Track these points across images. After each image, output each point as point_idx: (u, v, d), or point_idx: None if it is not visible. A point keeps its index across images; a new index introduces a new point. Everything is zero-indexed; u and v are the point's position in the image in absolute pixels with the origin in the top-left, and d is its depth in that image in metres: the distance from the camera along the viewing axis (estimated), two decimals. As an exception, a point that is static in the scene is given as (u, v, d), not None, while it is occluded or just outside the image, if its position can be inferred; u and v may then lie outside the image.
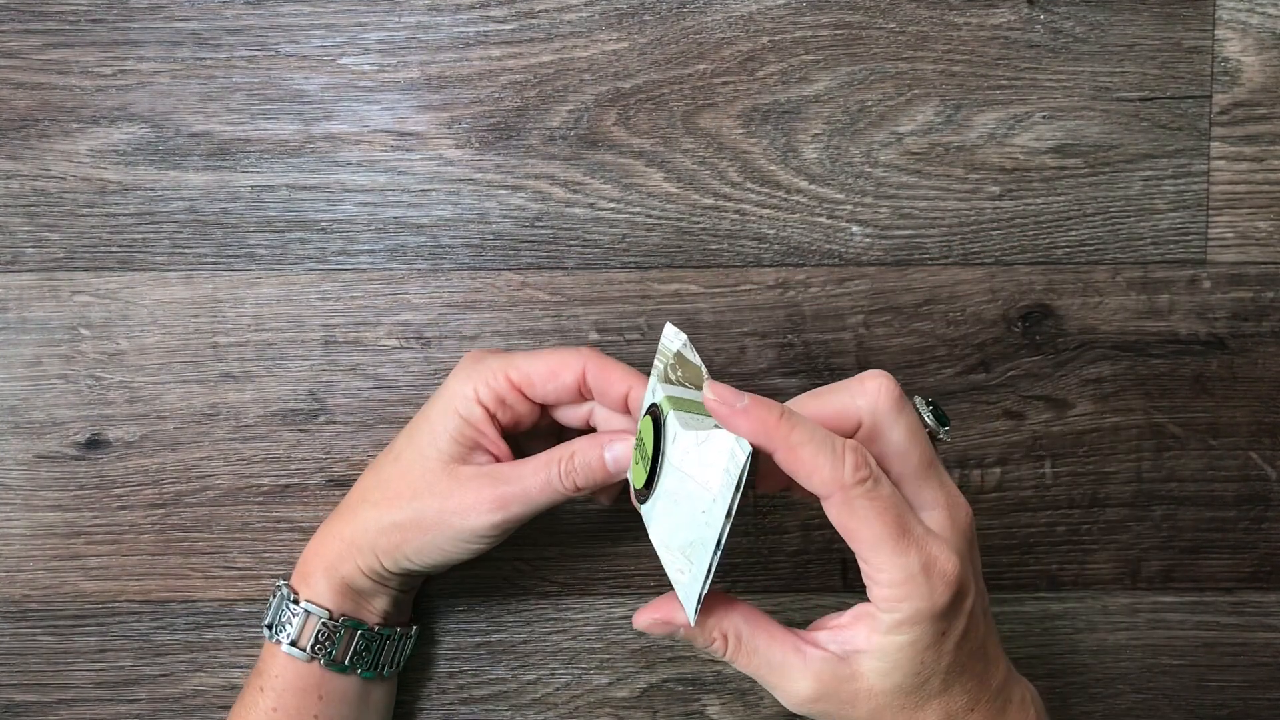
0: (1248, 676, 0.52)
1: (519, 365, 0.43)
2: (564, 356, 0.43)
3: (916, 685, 0.36)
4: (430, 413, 0.44)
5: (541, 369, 0.42)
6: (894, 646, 0.36)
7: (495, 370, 0.43)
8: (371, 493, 0.44)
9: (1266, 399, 0.50)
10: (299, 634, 0.44)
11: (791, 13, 0.48)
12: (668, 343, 0.39)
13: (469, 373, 0.43)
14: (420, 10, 0.48)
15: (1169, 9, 0.49)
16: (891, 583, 0.35)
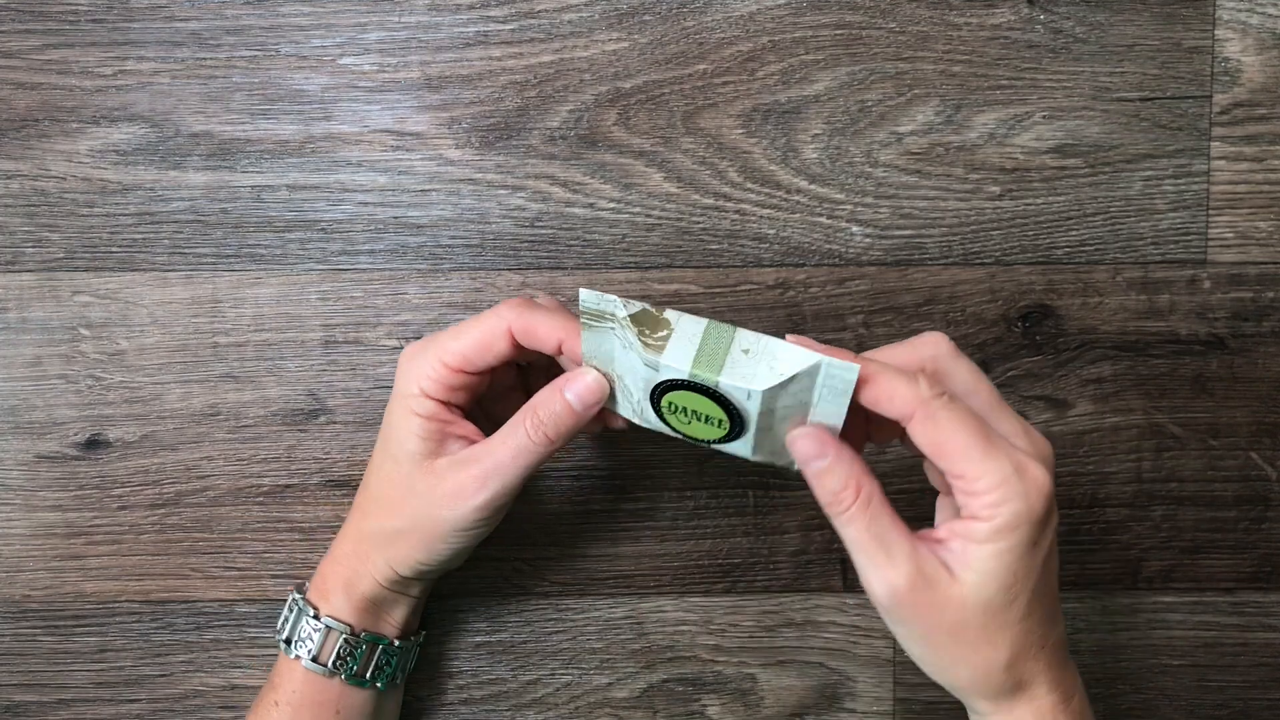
0: (1248, 676, 0.52)
1: (450, 348, 0.42)
2: (489, 324, 0.42)
3: (1005, 603, 0.37)
4: (391, 420, 0.43)
5: (471, 345, 0.42)
6: (992, 554, 0.36)
7: (431, 361, 0.42)
8: (368, 507, 0.44)
9: (1266, 399, 0.50)
10: (319, 649, 0.44)
11: (791, 13, 0.48)
12: (610, 308, 0.38)
13: (409, 371, 0.43)
14: (420, 10, 0.48)
15: (1169, 9, 0.49)
16: (989, 487, 0.36)
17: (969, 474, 0.36)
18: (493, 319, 0.42)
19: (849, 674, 0.52)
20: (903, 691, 0.52)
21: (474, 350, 0.42)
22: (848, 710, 0.52)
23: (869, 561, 0.37)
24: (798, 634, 0.51)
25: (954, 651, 0.38)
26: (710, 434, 0.39)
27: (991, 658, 0.38)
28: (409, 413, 0.42)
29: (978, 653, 0.38)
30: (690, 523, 0.51)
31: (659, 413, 0.40)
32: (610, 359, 0.40)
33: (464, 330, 0.42)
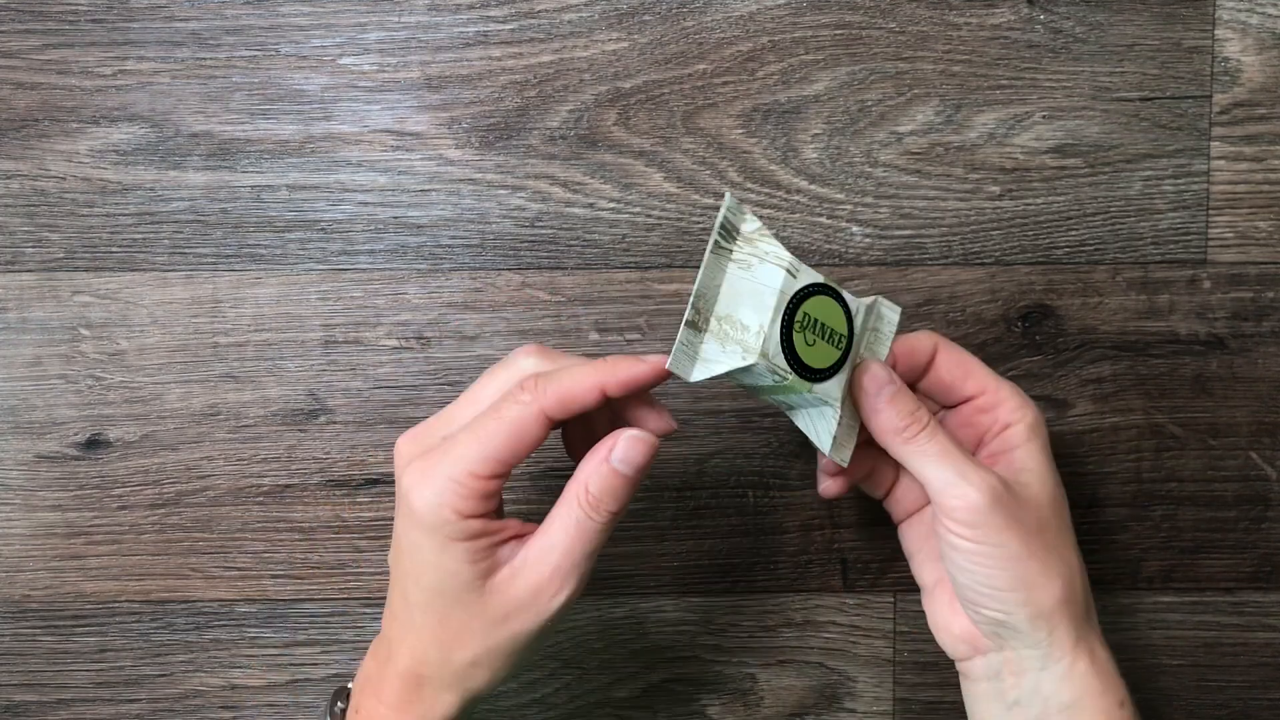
0: (1248, 676, 0.52)
1: (476, 457, 0.36)
2: (515, 415, 0.36)
3: (1061, 499, 0.41)
4: (422, 556, 0.37)
5: (502, 447, 0.36)
6: (1038, 450, 0.41)
7: (456, 477, 0.36)
8: (422, 651, 0.39)
9: (1266, 399, 0.50)
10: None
11: (791, 13, 0.48)
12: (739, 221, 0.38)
13: (429, 495, 0.37)
14: (420, 10, 0.48)
15: (1169, 9, 0.49)
16: (1010, 394, 0.42)
17: (989, 387, 0.42)
18: (517, 408, 0.37)
19: (849, 674, 0.52)
20: (902, 691, 0.52)
21: (507, 451, 0.36)
22: (848, 710, 0.52)
23: (955, 477, 0.39)
24: (797, 634, 0.51)
25: (1045, 558, 0.39)
26: (828, 358, 0.39)
27: (1073, 561, 0.41)
28: (448, 542, 0.37)
29: (1063, 557, 0.40)
30: (690, 523, 0.51)
31: (787, 334, 0.37)
32: (720, 293, 0.37)
33: (485, 430, 0.37)
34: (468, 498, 0.36)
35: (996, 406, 0.42)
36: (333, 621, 0.51)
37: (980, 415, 0.42)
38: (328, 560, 0.51)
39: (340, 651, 0.51)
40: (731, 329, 0.37)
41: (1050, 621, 0.39)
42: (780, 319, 0.37)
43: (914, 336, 0.42)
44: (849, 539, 0.51)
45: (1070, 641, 0.40)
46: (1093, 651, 0.40)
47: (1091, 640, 0.40)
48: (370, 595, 0.51)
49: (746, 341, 0.37)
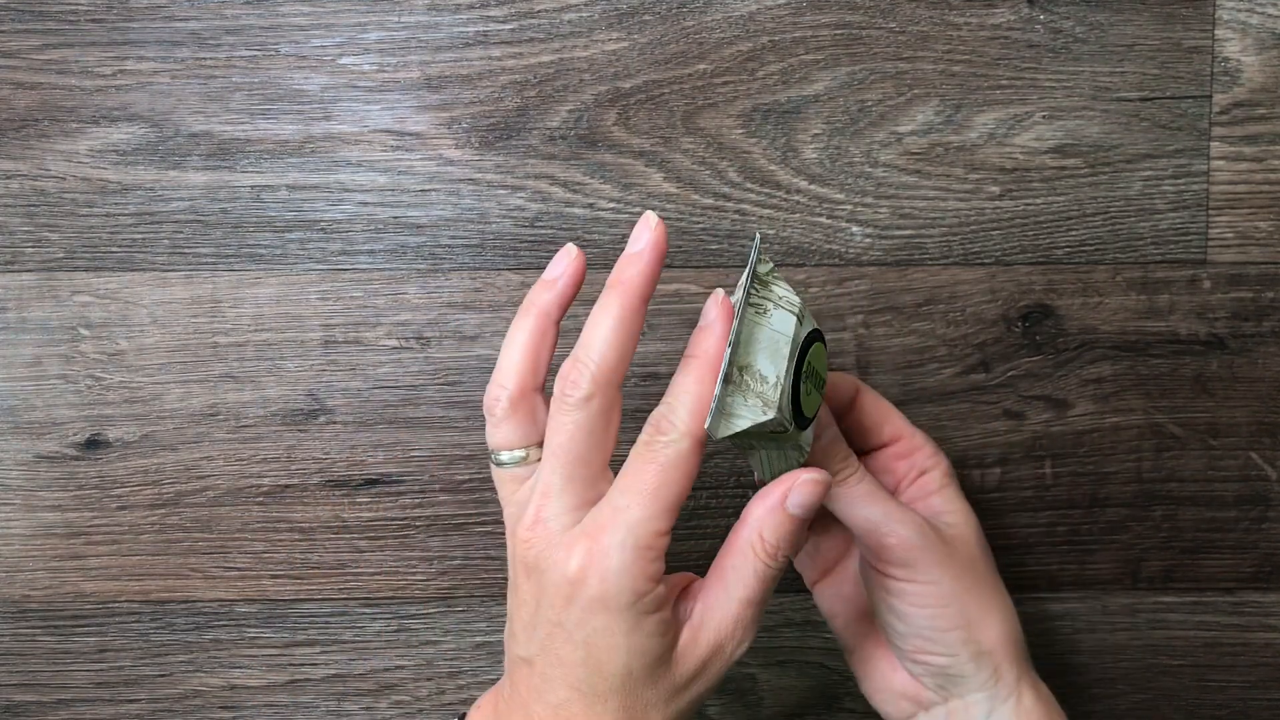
0: (1248, 677, 0.52)
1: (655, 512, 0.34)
2: (680, 460, 0.35)
3: (983, 536, 0.42)
4: (612, 637, 0.34)
5: (682, 486, 0.35)
6: (955, 494, 0.42)
7: (644, 541, 0.34)
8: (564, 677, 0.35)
9: (1267, 399, 0.50)
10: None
11: (791, 13, 0.48)
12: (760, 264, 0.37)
13: (616, 564, 0.34)
14: (420, 10, 0.48)
15: (1169, 9, 0.49)
16: (923, 441, 0.43)
17: (904, 432, 0.43)
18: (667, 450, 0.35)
19: (849, 674, 0.51)
20: (903, 691, 0.52)
21: (679, 498, 0.35)
22: (847, 710, 0.52)
23: (884, 516, 0.39)
24: (798, 634, 0.51)
25: (979, 597, 0.40)
26: (815, 405, 0.37)
27: (1007, 601, 0.41)
28: (642, 618, 0.34)
29: (998, 595, 0.41)
30: (690, 523, 0.51)
31: (796, 385, 0.36)
32: (751, 348, 0.36)
33: (646, 482, 0.34)
34: (655, 560, 0.34)
35: (913, 453, 0.42)
36: (332, 621, 0.51)
37: (897, 461, 0.43)
38: (327, 560, 0.51)
39: (340, 652, 0.51)
40: (752, 380, 0.35)
41: (994, 659, 0.39)
42: (792, 369, 0.36)
43: (836, 376, 0.43)
44: (849, 539, 0.51)
45: (1014, 677, 0.40)
46: (1035, 685, 0.41)
47: (1032, 675, 0.41)
48: (370, 595, 0.51)
49: (766, 395, 0.35)
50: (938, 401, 0.50)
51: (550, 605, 0.35)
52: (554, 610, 0.35)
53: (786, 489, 0.36)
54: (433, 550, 0.51)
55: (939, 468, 0.42)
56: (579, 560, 0.34)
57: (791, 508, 0.36)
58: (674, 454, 0.34)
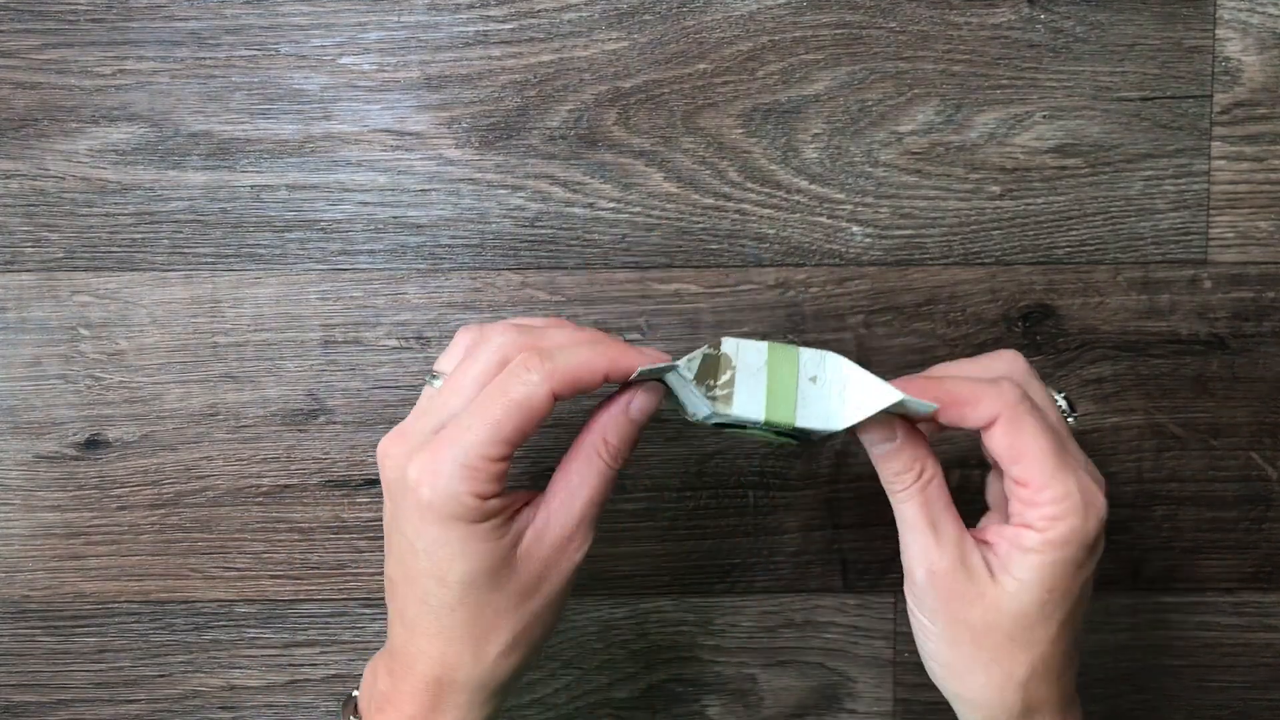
0: (1248, 677, 0.52)
1: (487, 439, 0.35)
2: (527, 401, 0.36)
3: (1037, 618, 0.37)
4: (447, 547, 0.36)
5: (515, 428, 0.36)
6: (1037, 564, 0.36)
7: (470, 462, 0.35)
8: (457, 656, 0.38)
9: (1267, 399, 0.50)
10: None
11: (791, 12, 0.48)
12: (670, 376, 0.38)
13: (444, 481, 0.35)
14: (420, 10, 0.48)
15: (1169, 9, 0.49)
16: (1053, 499, 0.36)
17: (1035, 482, 0.36)
18: (524, 388, 0.36)
19: (849, 674, 0.52)
20: (903, 692, 0.52)
21: (518, 432, 0.36)
22: (848, 711, 0.52)
23: (915, 539, 0.38)
24: (798, 634, 0.51)
25: (974, 655, 0.38)
26: (774, 441, 0.40)
27: (1010, 671, 0.38)
28: (471, 527, 0.36)
29: (997, 662, 0.38)
30: (690, 523, 0.51)
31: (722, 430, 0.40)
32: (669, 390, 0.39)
33: (492, 411, 0.36)
34: (485, 481, 0.36)
35: (1032, 504, 0.37)
36: (332, 622, 0.51)
37: (1017, 501, 0.38)
38: (327, 560, 0.51)
39: (340, 652, 0.51)
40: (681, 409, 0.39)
41: (974, 712, 0.39)
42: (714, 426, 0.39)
43: (987, 392, 0.37)
44: (849, 539, 0.51)
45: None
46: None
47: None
48: (370, 595, 0.51)
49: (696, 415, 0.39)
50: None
51: (395, 515, 0.37)
52: (400, 524, 0.37)
53: (630, 397, 0.38)
54: (433, 550, 0.51)
55: (1045, 534, 0.36)
56: (415, 471, 0.36)
57: (633, 412, 0.38)
58: (526, 394, 0.36)
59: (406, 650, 0.38)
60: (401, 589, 0.38)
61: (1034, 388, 0.39)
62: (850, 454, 0.51)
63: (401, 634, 0.39)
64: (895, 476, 0.38)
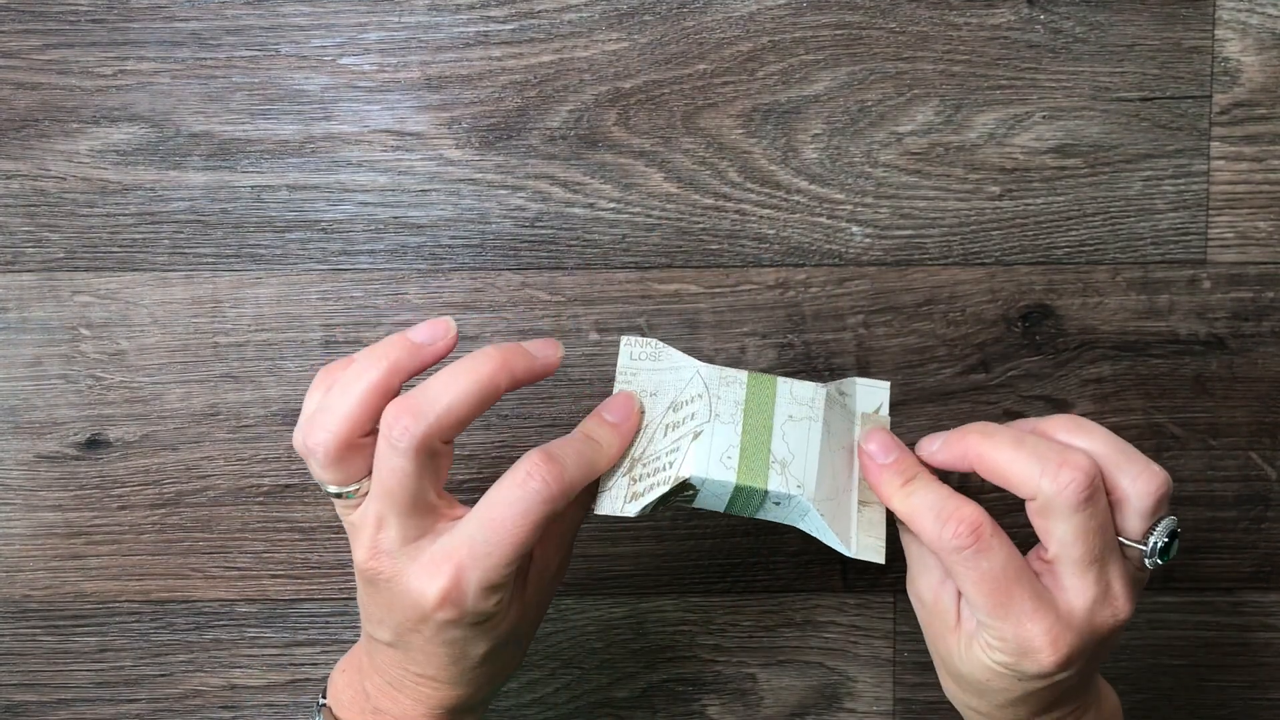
0: (1248, 676, 0.52)
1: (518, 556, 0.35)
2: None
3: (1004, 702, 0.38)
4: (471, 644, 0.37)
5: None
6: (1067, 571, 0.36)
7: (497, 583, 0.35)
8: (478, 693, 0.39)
9: (1266, 399, 0.50)
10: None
11: (791, 13, 0.48)
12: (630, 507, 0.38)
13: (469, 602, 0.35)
14: (420, 10, 0.48)
15: (1169, 9, 0.49)
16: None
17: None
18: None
19: (849, 674, 0.52)
20: (903, 691, 0.52)
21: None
22: (848, 710, 0.52)
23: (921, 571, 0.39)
24: (798, 634, 0.51)
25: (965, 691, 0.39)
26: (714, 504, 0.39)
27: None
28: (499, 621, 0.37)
29: None
30: (690, 523, 0.51)
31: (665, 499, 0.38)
32: None
33: (515, 538, 0.35)
34: (508, 588, 0.36)
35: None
36: (333, 621, 0.51)
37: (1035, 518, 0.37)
38: (328, 560, 0.51)
39: (340, 651, 0.51)
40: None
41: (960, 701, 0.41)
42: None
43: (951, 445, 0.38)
44: (849, 539, 0.51)
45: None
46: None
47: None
48: (370, 595, 0.51)
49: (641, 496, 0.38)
50: (938, 401, 0.50)
51: (407, 619, 0.36)
52: (411, 623, 0.36)
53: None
54: (433, 550, 0.51)
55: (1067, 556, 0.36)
56: (436, 594, 0.35)
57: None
58: (543, 511, 0.35)
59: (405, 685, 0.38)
60: (413, 655, 0.37)
61: (1070, 518, 0.36)
62: (850, 454, 0.51)
63: (416, 681, 0.38)
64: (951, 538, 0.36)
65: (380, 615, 0.37)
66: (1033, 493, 0.36)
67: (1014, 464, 0.36)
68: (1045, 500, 0.35)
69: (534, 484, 0.35)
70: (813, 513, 0.37)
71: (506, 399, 0.49)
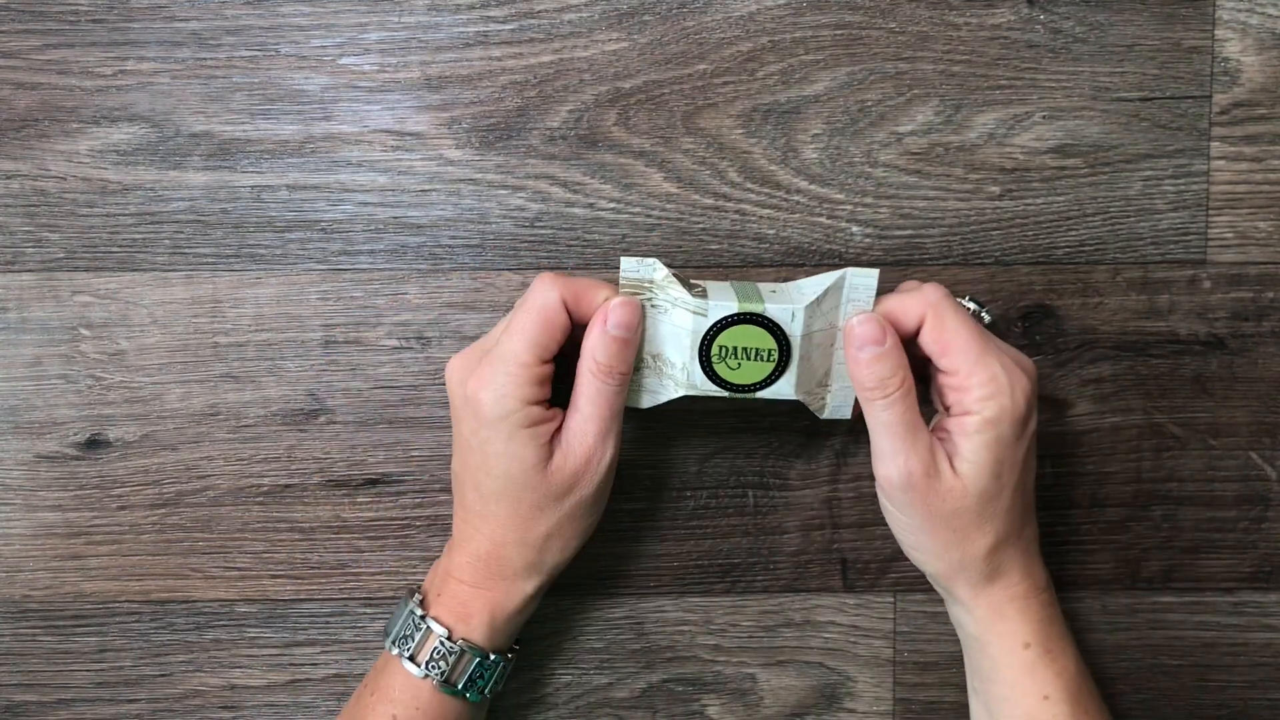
0: (1247, 676, 0.52)
1: (521, 346, 0.42)
2: (540, 302, 0.42)
3: (994, 493, 0.42)
4: (493, 444, 0.42)
5: (540, 332, 0.42)
6: (982, 444, 0.42)
7: (509, 369, 0.42)
8: (500, 533, 0.44)
9: (1266, 399, 0.50)
10: (452, 671, 0.44)
11: (791, 13, 0.48)
12: (650, 272, 0.42)
13: (493, 387, 0.42)
14: (420, 10, 0.48)
15: (1169, 9, 0.49)
16: (980, 383, 0.42)
17: (963, 370, 0.42)
18: (540, 297, 0.42)
19: (849, 674, 0.52)
20: (902, 691, 0.52)
21: (543, 335, 0.42)
22: (848, 710, 0.52)
23: (894, 447, 0.42)
24: (797, 634, 0.51)
25: (946, 537, 0.43)
26: (760, 373, 0.43)
27: (979, 543, 0.43)
28: (515, 429, 0.42)
29: (967, 538, 0.43)
30: (690, 523, 0.51)
31: (708, 366, 0.43)
32: (648, 335, 0.43)
33: (519, 324, 0.42)
34: (524, 384, 0.42)
35: (964, 390, 0.42)
36: (333, 621, 0.51)
37: (951, 392, 0.43)
38: (328, 560, 0.51)
39: (340, 651, 0.51)
40: (664, 365, 0.44)
41: (945, 580, 0.45)
42: (698, 356, 0.43)
43: (910, 298, 0.43)
44: (849, 539, 0.51)
45: (968, 594, 0.44)
46: (994, 603, 0.44)
47: (995, 595, 0.44)
48: (370, 595, 0.51)
49: (676, 377, 0.43)
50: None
51: (458, 421, 0.44)
52: (461, 427, 0.43)
53: (604, 315, 0.42)
54: (433, 550, 0.51)
55: (980, 414, 0.42)
56: (474, 385, 0.42)
57: (612, 329, 0.42)
58: (541, 301, 0.42)
59: (464, 531, 0.45)
60: (460, 479, 0.44)
61: (951, 299, 0.43)
62: (850, 454, 0.51)
63: (460, 518, 0.45)
64: (880, 382, 0.42)
65: (455, 434, 0.44)
66: (919, 317, 0.43)
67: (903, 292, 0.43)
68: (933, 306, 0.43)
69: (536, 286, 0.42)
70: (800, 281, 0.44)
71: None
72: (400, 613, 0.45)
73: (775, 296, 0.43)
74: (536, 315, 0.42)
